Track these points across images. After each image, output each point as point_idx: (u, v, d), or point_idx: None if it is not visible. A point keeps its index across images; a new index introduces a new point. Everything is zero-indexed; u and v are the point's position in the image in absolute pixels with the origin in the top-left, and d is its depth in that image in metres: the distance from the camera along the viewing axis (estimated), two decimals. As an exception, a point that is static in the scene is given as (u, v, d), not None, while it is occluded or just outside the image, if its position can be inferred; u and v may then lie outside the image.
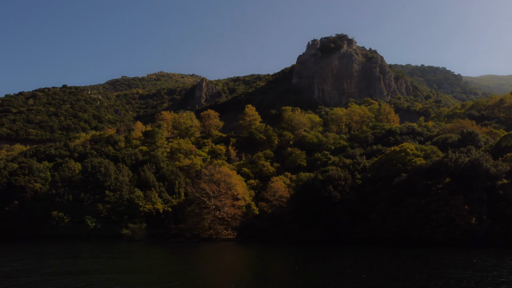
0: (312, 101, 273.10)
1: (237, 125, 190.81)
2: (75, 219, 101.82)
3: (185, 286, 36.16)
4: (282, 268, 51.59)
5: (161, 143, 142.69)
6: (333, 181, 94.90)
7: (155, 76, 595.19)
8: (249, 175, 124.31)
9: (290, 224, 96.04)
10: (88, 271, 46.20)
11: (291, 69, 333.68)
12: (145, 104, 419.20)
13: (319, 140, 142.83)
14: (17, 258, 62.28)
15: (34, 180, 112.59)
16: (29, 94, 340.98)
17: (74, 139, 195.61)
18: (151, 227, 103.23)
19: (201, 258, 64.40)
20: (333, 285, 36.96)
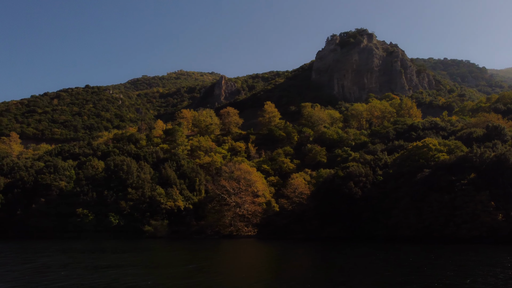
0: (332, 97, 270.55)
1: (257, 122, 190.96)
2: (99, 216, 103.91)
3: (210, 282, 36.45)
4: (305, 264, 51.37)
5: (181, 141, 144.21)
6: (354, 178, 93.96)
7: (175, 75, 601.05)
8: (269, 172, 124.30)
9: (310, 220, 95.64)
10: (116, 266, 47.07)
11: (310, 65, 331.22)
12: (165, 103, 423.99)
13: (339, 136, 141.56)
14: (46, 254, 64.02)
15: (59, 178, 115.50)
16: (54, 94, 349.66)
17: (97, 138, 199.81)
18: (172, 224, 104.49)
19: (224, 254, 64.69)
20: (357, 281, 36.46)
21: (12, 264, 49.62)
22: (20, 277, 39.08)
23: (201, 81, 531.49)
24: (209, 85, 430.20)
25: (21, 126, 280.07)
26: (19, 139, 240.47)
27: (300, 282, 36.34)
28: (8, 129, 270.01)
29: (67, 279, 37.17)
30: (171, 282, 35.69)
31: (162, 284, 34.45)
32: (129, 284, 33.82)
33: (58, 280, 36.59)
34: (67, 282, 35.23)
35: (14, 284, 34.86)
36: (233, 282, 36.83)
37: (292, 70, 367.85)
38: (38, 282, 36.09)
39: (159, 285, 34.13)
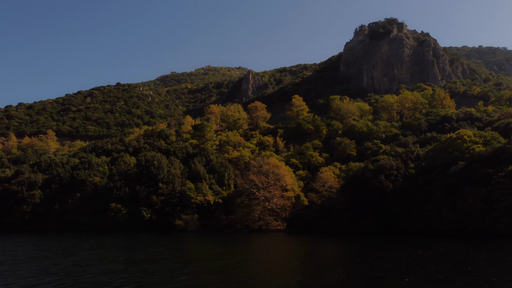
0: (361, 89, 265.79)
1: (285, 116, 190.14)
2: (132, 211, 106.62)
3: (245, 277, 36.62)
4: (339, 259, 50.69)
5: (210, 136, 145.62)
6: (385, 171, 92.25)
7: (203, 71, 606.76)
8: (297, 166, 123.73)
9: (340, 214, 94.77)
10: (151, 260, 48.05)
11: (339, 57, 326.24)
12: (194, 98, 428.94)
13: (369, 128, 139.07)
14: (84, 247, 66.23)
15: (93, 174, 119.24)
16: (87, 92, 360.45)
17: (128, 134, 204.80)
18: (202, 218, 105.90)
19: (256, 248, 64.85)
20: (397, 277, 35.50)
21: (55, 257, 51.59)
22: (64, 270, 40.62)
23: (228, 76, 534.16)
24: (236, 80, 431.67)
25: (57, 124, 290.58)
26: (55, 137, 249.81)
27: (337, 277, 35.70)
28: (45, 127, 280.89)
29: (106, 273, 38.33)
30: (206, 276, 36.10)
31: (197, 279, 34.94)
32: (165, 279, 34.54)
33: (98, 273, 37.79)
34: (107, 276, 36.29)
35: (61, 277, 36.25)
36: (268, 276, 36.70)
37: (320, 63, 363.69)
38: (80, 275, 37.35)
39: (194, 279, 34.63)
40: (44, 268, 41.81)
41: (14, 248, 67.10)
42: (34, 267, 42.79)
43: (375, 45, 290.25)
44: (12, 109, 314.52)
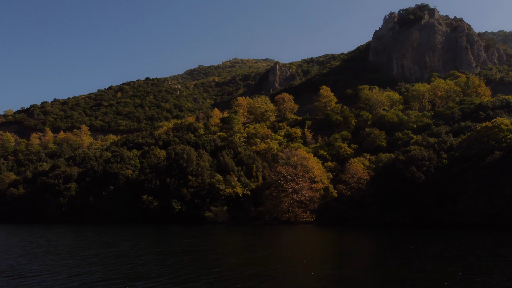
0: (391, 78, 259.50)
1: (312, 107, 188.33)
2: (163, 202, 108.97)
3: (281, 268, 36.75)
4: (372, 251, 49.96)
5: (238, 129, 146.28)
6: (416, 162, 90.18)
7: (230, 63, 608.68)
8: (326, 158, 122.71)
9: (370, 206, 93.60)
10: (187, 251, 48.67)
11: (367, 46, 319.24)
12: (221, 91, 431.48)
13: (399, 118, 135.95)
14: (121, 238, 68.08)
15: (125, 167, 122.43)
16: (117, 88, 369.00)
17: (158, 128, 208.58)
18: (231, 210, 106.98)
19: (288, 240, 64.54)
20: (444, 270, 34.47)
21: (95, 248, 53.40)
22: (105, 260, 42.03)
23: (255, 68, 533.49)
24: (263, 72, 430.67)
25: (90, 119, 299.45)
26: (88, 131, 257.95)
27: (373, 269, 35.05)
28: (78, 122, 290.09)
29: (145, 263, 39.35)
30: (241, 268, 36.36)
31: (233, 270, 35.31)
32: (202, 271, 35.03)
33: (137, 264, 38.80)
34: (145, 266, 37.22)
35: (103, 267, 37.53)
36: (301, 269, 36.37)
37: (348, 52, 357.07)
38: (120, 265, 38.49)
39: (230, 271, 35.02)
40: (86, 258, 43.41)
41: (56, 238, 69.94)
42: (77, 257, 44.52)
43: (405, 32, 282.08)
44: (47, 105, 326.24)
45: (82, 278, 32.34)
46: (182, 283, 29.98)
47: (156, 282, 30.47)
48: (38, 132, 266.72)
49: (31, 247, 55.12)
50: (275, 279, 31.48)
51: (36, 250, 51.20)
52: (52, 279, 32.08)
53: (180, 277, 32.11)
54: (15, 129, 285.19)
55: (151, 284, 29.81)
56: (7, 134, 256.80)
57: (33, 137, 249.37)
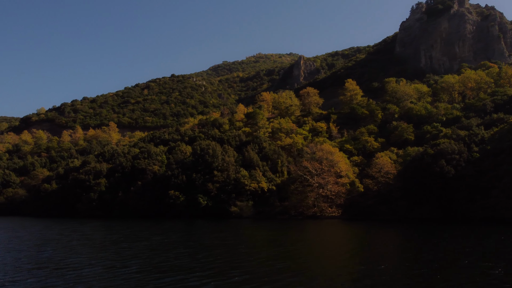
0: (419, 70, 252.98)
1: (338, 101, 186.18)
2: (189, 197, 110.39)
3: (312, 263, 36.76)
4: (402, 246, 48.99)
5: (262, 124, 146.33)
6: (446, 155, 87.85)
7: (254, 58, 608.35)
8: (352, 152, 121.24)
9: (397, 201, 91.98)
10: (218, 245, 49.41)
11: (394, 37, 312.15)
12: (245, 87, 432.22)
13: (428, 111, 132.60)
14: (151, 232, 69.53)
15: (153, 163, 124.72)
16: (144, 85, 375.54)
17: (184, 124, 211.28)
18: (257, 205, 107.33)
19: (315, 235, 64.14)
20: (468, 265, 33.68)
21: (129, 241, 54.85)
22: (140, 253, 43.20)
23: (279, 63, 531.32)
24: (287, 67, 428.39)
25: (117, 116, 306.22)
26: (116, 128, 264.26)
27: (413, 267, 34.30)
28: (107, 119, 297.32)
29: (179, 256, 40.07)
30: (272, 262, 36.52)
31: (264, 264, 35.46)
32: (233, 265, 35.44)
33: (171, 257, 39.53)
34: (180, 260, 37.86)
35: (138, 260, 38.64)
36: (331, 264, 36.16)
37: (374, 45, 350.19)
38: (154, 258, 39.42)
39: (262, 265, 35.23)
40: (121, 251, 44.69)
41: (90, 232, 72.19)
42: (112, 250, 45.90)
43: (433, 22, 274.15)
44: (77, 103, 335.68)
45: (120, 270, 33.33)
46: (215, 276, 30.38)
47: (191, 275, 31.03)
48: (69, 130, 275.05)
49: (67, 240, 57.19)
50: (305, 274, 31.42)
51: (72, 243, 53.08)
52: (91, 271, 33.15)
53: (213, 271, 32.53)
54: (47, 127, 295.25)
55: (187, 277, 30.43)
56: (40, 132, 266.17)
57: (64, 134, 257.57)
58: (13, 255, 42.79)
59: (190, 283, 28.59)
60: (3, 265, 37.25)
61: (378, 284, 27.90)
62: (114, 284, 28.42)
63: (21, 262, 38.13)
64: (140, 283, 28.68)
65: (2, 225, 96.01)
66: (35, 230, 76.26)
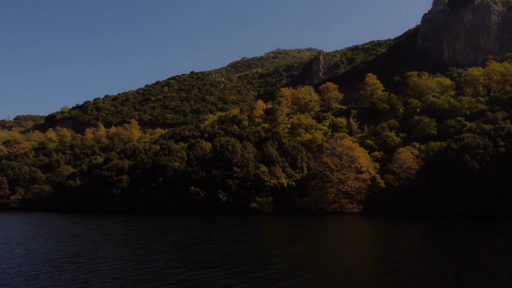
0: (441, 63, 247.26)
1: (358, 96, 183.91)
2: (209, 194, 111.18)
3: (337, 259, 36.60)
4: (430, 243, 47.94)
5: (281, 120, 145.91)
6: (470, 150, 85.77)
7: (273, 54, 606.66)
8: (372, 147, 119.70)
9: (420, 197, 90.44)
10: (241, 241, 49.79)
11: (415, 30, 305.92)
12: (264, 83, 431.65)
13: (451, 105, 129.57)
14: (173, 228, 70.42)
15: (173, 159, 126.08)
16: (164, 82, 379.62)
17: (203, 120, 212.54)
18: (276, 201, 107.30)
19: (337, 231, 63.82)
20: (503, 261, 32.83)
21: (154, 237, 55.75)
22: (165, 248, 43.84)
23: (298, 58, 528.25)
24: (307, 62, 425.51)
25: (138, 114, 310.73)
26: (137, 125, 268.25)
27: (442, 264, 33.65)
28: (128, 116, 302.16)
29: (204, 252, 40.48)
30: (296, 259, 36.45)
31: (289, 260, 35.38)
32: (258, 260, 35.53)
33: (197, 252, 39.99)
34: (205, 256, 38.24)
35: (164, 255, 39.20)
36: (356, 261, 35.76)
37: (395, 38, 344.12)
38: (179, 253, 39.94)
39: (287, 261, 35.21)
40: (146, 246, 45.46)
41: (115, 227, 73.64)
42: (137, 245, 46.74)
43: (456, 14, 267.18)
44: (99, 101, 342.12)
45: (146, 265, 33.88)
46: (241, 272, 30.41)
47: (217, 271, 31.18)
48: (92, 127, 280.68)
49: (93, 235, 58.47)
50: (329, 270, 31.23)
51: (98, 238, 54.23)
52: (118, 266, 33.73)
53: (237, 267, 32.62)
54: (71, 125, 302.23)
55: (213, 272, 30.55)
56: (64, 129, 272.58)
57: (87, 132, 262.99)
58: (42, 250, 44.03)
59: (216, 279, 28.75)
60: (34, 258, 38.42)
61: (403, 281, 27.44)
62: (141, 279, 28.87)
63: (50, 256, 39.22)
64: (167, 278, 29.03)
65: (31, 220, 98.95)
66: (62, 226, 78.28)
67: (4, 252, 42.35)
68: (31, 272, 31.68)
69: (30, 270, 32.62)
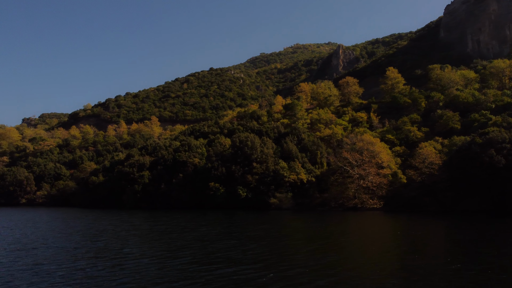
0: (465, 56, 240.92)
1: (378, 90, 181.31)
2: (229, 189, 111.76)
3: (362, 256, 36.24)
4: (457, 240, 46.89)
5: (301, 115, 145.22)
6: (495, 144, 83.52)
7: (291, 49, 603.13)
8: (394, 142, 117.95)
9: (443, 192, 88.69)
10: (265, 237, 49.79)
11: (438, 22, 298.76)
12: (283, 78, 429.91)
13: (475, 98, 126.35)
14: (199, 223, 70.80)
15: (193, 156, 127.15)
16: (183, 79, 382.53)
17: (222, 116, 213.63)
18: (296, 196, 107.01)
19: (360, 227, 62.77)
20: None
21: (177, 232, 56.26)
22: (190, 244, 44.21)
23: (317, 53, 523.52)
24: (326, 56, 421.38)
25: (159, 110, 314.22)
26: (158, 122, 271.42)
27: (473, 261, 32.90)
28: (149, 113, 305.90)
29: (229, 248, 40.65)
30: (321, 255, 36.20)
31: (314, 257, 35.19)
32: (283, 256, 35.45)
33: (221, 249, 40.00)
34: (229, 252, 38.39)
35: (189, 251, 39.59)
36: (381, 258, 35.21)
37: (416, 31, 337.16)
38: (206, 249, 40.20)
39: (311, 258, 35.03)
40: (171, 242, 45.90)
41: (139, 223, 74.65)
42: (162, 241, 47.28)
43: (481, 4, 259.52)
44: (121, 98, 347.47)
45: (174, 261, 33.99)
46: (268, 269, 30.07)
47: (243, 267, 31.07)
48: (114, 124, 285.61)
49: (118, 230, 59.41)
50: (355, 268, 30.82)
51: (124, 233, 55.11)
52: (145, 262, 33.98)
53: (263, 263, 32.46)
54: (93, 122, 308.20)
55: (240, 269, 30.45)
56: (87, 127, 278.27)
57: (109, 129, 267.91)
58: (71, 245, 44.92)
59: (244, 276, 28.60)
60: (64, 253, 39.27)
61: (432, 280, 26.75)
62: (169, 275, 28.89)
63: (79, 252, 39.92)
64: (195, 274, 29.03)
65: (57, 215, 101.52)
66: (88, 221, 79.86)
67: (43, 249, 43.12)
68: (60, 267, 32.26)
69: (64, 265, 33.16)
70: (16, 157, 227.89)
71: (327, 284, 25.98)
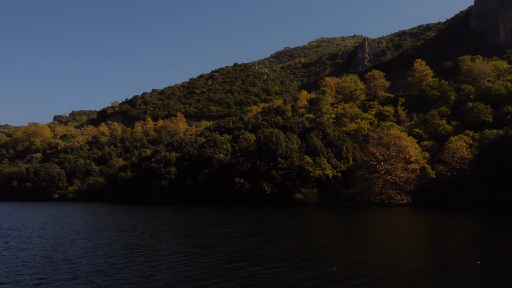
0: (497, 46, 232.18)
1: (406, 83, 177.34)
2: (254, 185, 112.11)
3: (395, 254, 35.70)
4: (494, 237, 44.91)
5: (326, 109, 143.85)
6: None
7: (316, 43, 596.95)
8: (422, 136, 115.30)
9: (474, 188, 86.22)
10: (300, 233, 49.62)
11: (468, 11, 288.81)
12: (308, 72, 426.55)
13: (508, 90, 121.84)
14: (228, 219, 71.21)
15: (218, 151, 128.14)
16: (208, 75, 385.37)
17: (247, 112, 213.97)
18: (321, 192, 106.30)
19: (389, 224, 61.29)
20: None
21: (207, 228, 56.41)
22: (221, 240, 44.33)
23: (342, 46, 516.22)
24: (351, 49, 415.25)
25: (184, 107, 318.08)
26: (183, 118, 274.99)
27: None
28: (174, 110, 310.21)
29: (261, 245, 40.60)
30: (353, 252, 35.93)
31: (347, 255, 34.59)
32: (317, 254, 35.01)
33: (251, 247, 39.81)
34: (261, 249, 38.29)
35: (220, 247, 39.69)
36: (415, 256, 34.39)
37: (445, 21, 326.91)
38: (239, 247, 40.01)
39: (344, 256, 34.32)
40: (202, 238, 46.12)
41: (168, 218, 75.60)
42: (194, 237, 47.42)
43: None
44: (147, 95, 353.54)
45: (207, 258, 33.80)
46: (303, 267, 29.87)
47: (278, 265, 30.81)
48: (140, 121, 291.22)
49: (150, 226, 60.29)
50: (388, 267, 30.20)
51: (155, 229, 55.80)
52: (182, 259, 33.70)
53: (300, 262, 32.00)
54: (121, 119, 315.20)
55: (275, 267, 30.23)
56: (115, 123, 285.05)
57: (136, 125, 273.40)
58: (104, 240, 45.84)
59: (280, 274, 28.35)
60: (98, 248, 40.13)
61: (471, 280, 25.97)
62: (201, 272, 28.96)
63: (112, 247, 40.49)
64: (230, 272, 28.92)
65: (88, 210, 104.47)
66: (119, 216, 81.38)
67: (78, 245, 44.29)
68: (96, 264, 32.90)
69: (98, 262, 33.74)
70: (48, 153, 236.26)
71: (363, 284, 25.56)
